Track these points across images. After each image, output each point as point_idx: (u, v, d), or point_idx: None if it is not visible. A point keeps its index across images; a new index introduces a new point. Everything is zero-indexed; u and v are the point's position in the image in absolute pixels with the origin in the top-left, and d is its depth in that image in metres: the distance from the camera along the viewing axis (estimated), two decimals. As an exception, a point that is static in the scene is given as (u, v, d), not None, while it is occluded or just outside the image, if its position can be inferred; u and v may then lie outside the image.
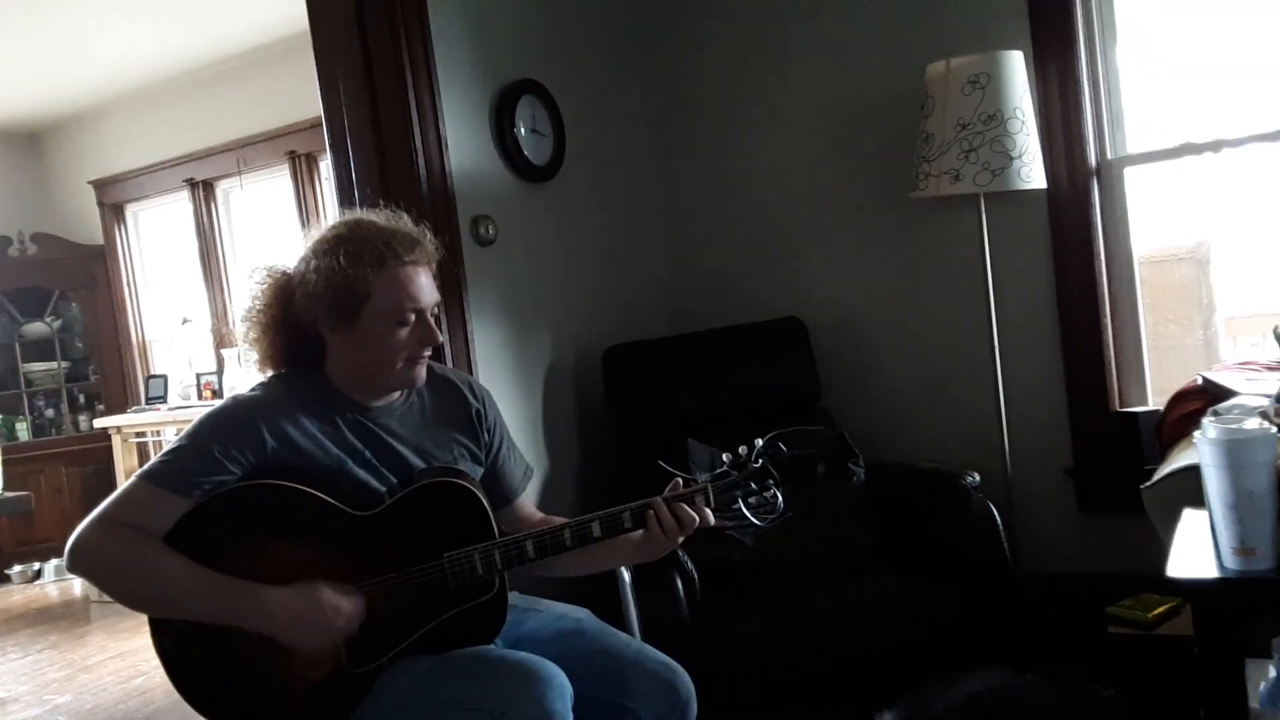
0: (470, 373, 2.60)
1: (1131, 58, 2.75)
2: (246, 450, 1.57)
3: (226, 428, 1.58)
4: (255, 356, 1.70)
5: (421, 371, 1.69)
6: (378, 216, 1.69)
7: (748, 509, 1.61)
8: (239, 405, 1.63)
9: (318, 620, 1.54)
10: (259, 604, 1.53)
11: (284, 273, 1.68)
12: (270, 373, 1.70)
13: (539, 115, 2.89)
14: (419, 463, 1.70)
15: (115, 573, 1.55)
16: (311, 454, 1.61)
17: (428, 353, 1.69)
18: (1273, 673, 1.68)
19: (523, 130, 2.82)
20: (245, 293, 1.71)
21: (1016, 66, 2.56)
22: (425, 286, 1.65)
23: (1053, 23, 2.71)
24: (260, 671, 1.57)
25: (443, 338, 1.71)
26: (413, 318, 1.64)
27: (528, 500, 1.91)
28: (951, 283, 2.92)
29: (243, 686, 1.59)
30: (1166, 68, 2.75)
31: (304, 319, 1.64)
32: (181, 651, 1.60)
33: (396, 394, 1.73)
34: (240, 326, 1.71)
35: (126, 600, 1.58)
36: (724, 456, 1.64)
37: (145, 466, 1.58)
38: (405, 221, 1.69)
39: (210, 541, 1.55)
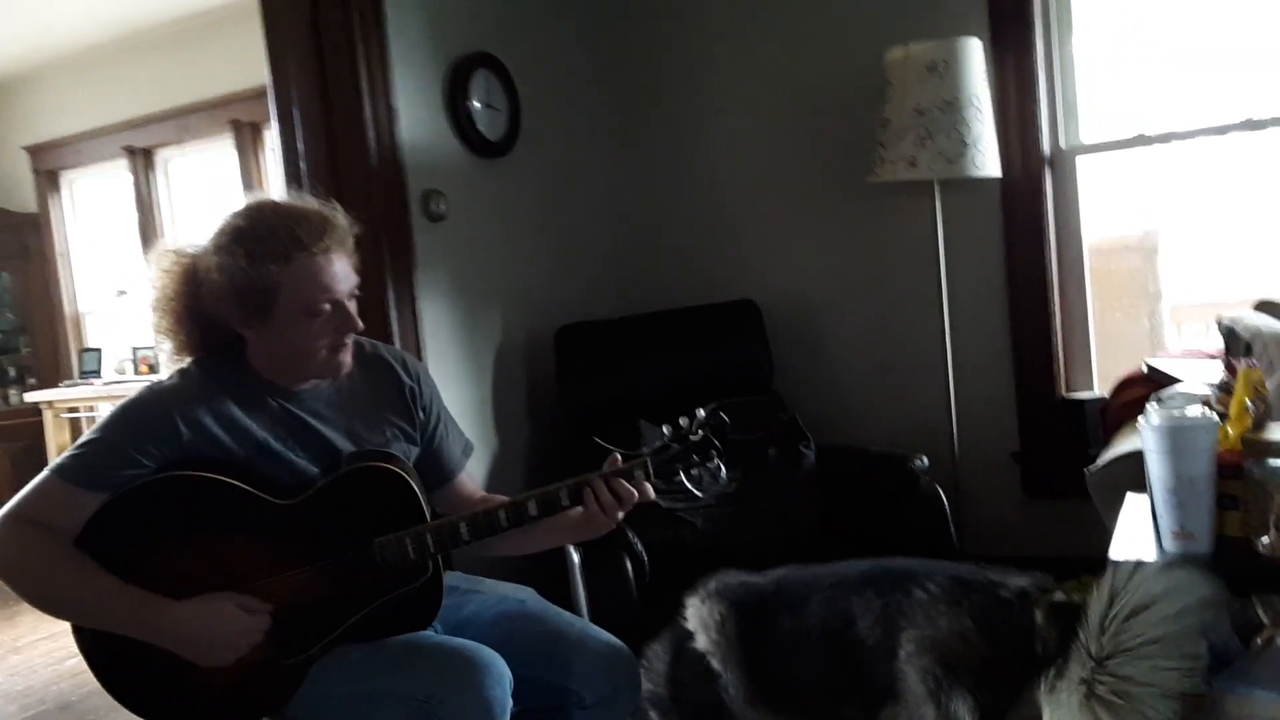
0: (418, 352, 2.55)
1: (1087, 49, 2.78)
2: (161, 443, 1.51)
3: (139, 420, 1.52)
4: (170, 346, 1.62)
5: (346, 358, 1.62)
6: (282, 198, 1.61)
7: (690, 481, 1.58)
8: (153, 396, 1.56)
9: (218, 637, 1.50)
10: (162, 622, 1.49)
11: (190, 256, 1.58)
12: (188, 359, 1.63)
13: (493, 89, 2.84)
14: (348, 446, 1.64)
15: (22, 576, 1.50)
16: (231, 444, 1.55)
17: (350, 338, 1.62)
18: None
19: (476, 104, 2.77)
20: (150, 279, 1.61)
21: (975, 54, 2.57)
22: (339, 274, 1.56)
23: (1011, 11, 2.73)
24: (188, 666, 1.52)
25: (361, 325, 1.62)
26: (328, 308, 1.55)
27: (468, 478, 1.86)
28: (905, 268, 2.93)
29: (171, 681, 1.54)
30: (1120, 59, 2.79)
31: (211, 312, 1.56)
32: (105, 649, 1.55)
33: None
34: (151, 315, 1.62)
35: (34, 604, 1.52)
36: (664, 429, 1.60)
37: (56, 460, 1.52)
38: (312, 202, 1.61)
39: (127, 537, 1.50)
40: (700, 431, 1.57)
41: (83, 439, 1.53)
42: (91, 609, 1.50)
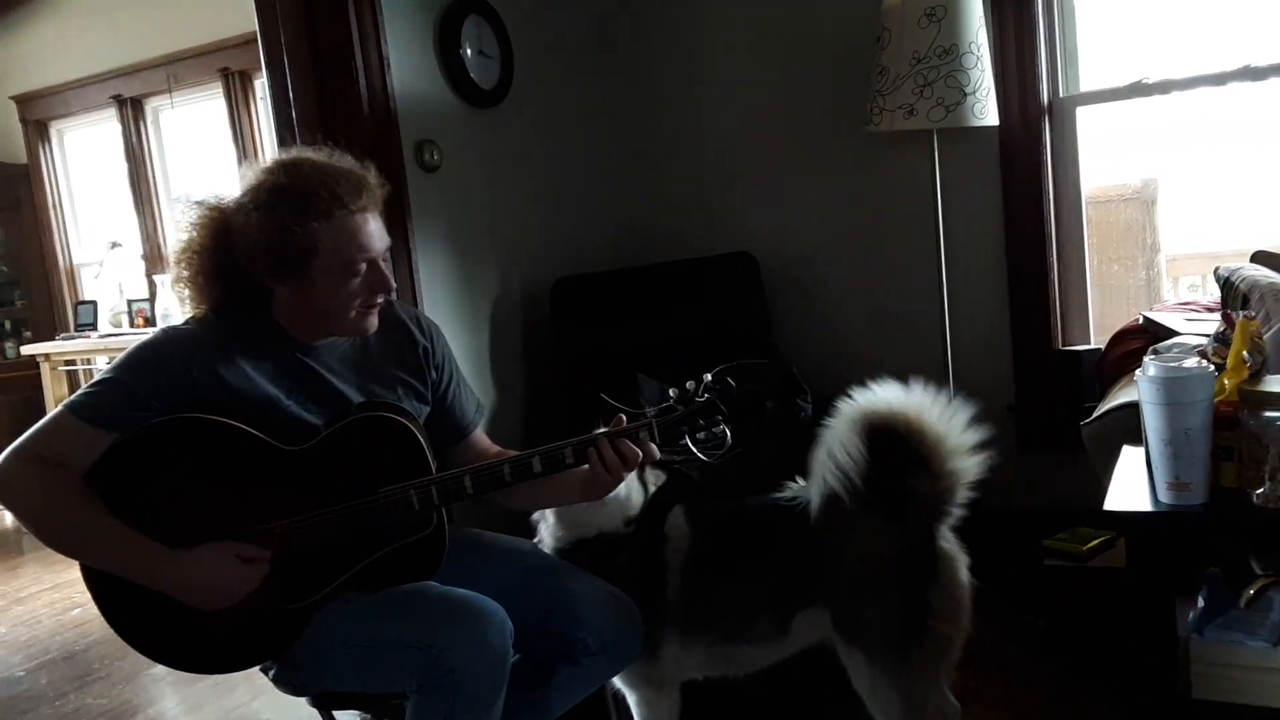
0: (415, 304, 2.55)
1: (1087, -5, 2.75)
2: (175, 386, 1.52)
3: (154, 363, 1.53)
4: (189, 295, 1.62)
5: (374, 320, 1.64)
6: (317, 155, 1.60)
7: (695, 445, 1.58)
8: (169, 340, 1.57)
9: (216, 585, 1.52)
10: (160, 570, 1.51)
11: (220, 210, 1.59)
12: (205, 308, 1.62)
13: (485, 37, 2.80)
14: (361, 400, 1.66)
15: (31, 510, 1.52)
16: (244, 391, 1.56)
17: (381, 299, 1.63)
18: (1201, 603, 1.74)
19: (469, 52, 2.73)
20: (177, 229, 1.61)
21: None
22: (375, 234, 1.58)
23: (1011, -45, 2.68)
24: (194, 608, 1.55)
25: (394, 285, 1.65)
26: (364, 267, 1.56)
27: (483, 435, 1.87)
28: (902, 219, 2.92)
29: (176, 622, 1.57)
30: (1120, 7, 2.74)
31: (242, 266, 1.56)
32: (113, 589, 1.57)
33: None
34: (174, 268, 1.62)
35: (40, 538, 1.54)
36: (670, 391, 1.61)
37: (70, 397, 1.54)
38: (348, 160, 1.61)
39: (134, 477, 1.52)
40: (706, 395, 1.57)
41: (96, 378, 1.55)
42: (94, 550, 1.52)
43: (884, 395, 1.70)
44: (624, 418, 1.61)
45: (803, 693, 2.11)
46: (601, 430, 1.60)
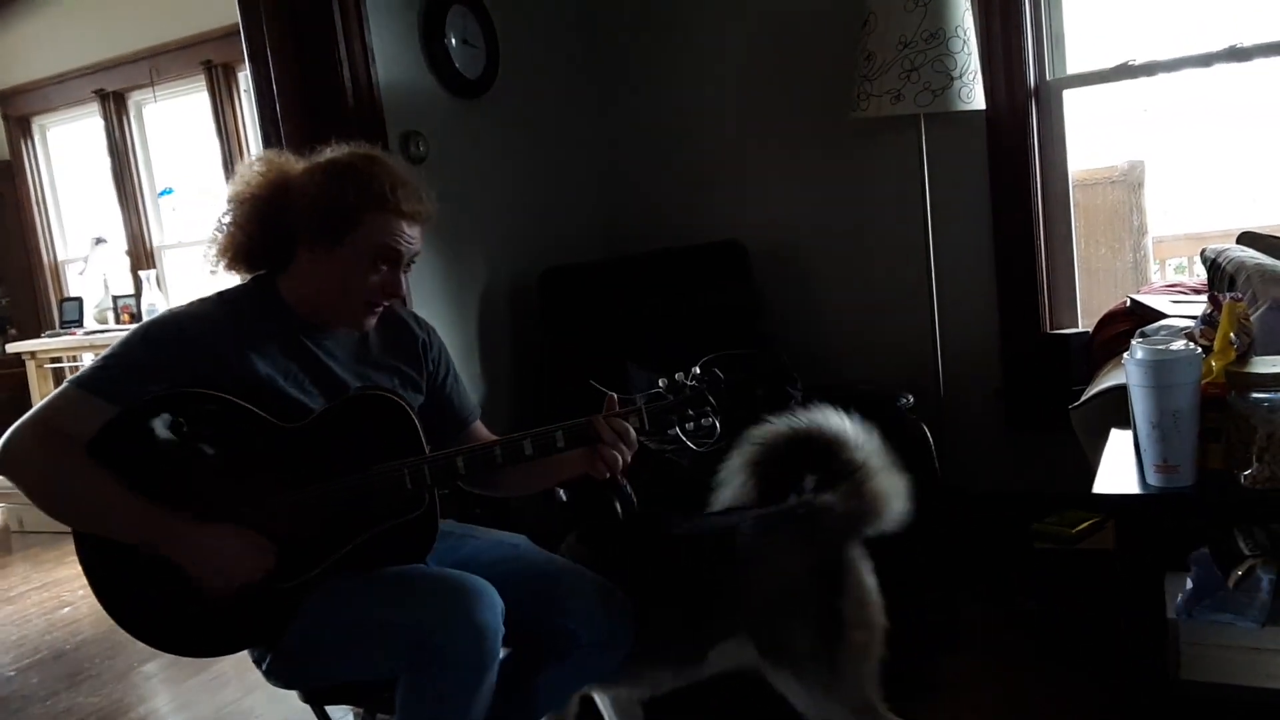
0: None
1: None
2: (179, 366, 1.55)
3: (161, 341, 1.57)
4: (220, 240, 1.68)
5: (373, 321, 1.70)
6: (392, 160, 1.71)
7: (684, 434, 1.60)
8: (176, 320, 1.61)
9: (222, 567, 1.53)
10: (171, 541, 1.53)
11: (283, 171, 1.67)
12: (222, 266, 1.69)
13: (470, 26, 2.78)
14: (357, 385, 1.68)
15: (41, 481, 1.53)
16: (245, 371, 1.58)
17: (385, 304, 1.69)
18: (1189, 584, 1.75)
19: (453, 41, 2.71)
20: (239, 176, 1.69)
21: (959, -17, 2.52)
22: (412, 238, 1.67)
23: (996, -61, 2.67)
24: (187, 588, 1.55)
25: (403, 293, 1.74)
26: (385, 267, 1.64)
27: (482, 426, 1.90)
28: (890, 205, 2.92)
29: (169, 604, 1.57)
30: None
31: (286, 222, 1.63)
32: (108, 568, 1.58)
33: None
34: (225, 204, 1.69)
35: (48, 510, 1.55)
36: (660, 381, 1.62)
37: (78, 373, 1.57)
38: (419, 179, 1.71)
39: (132, 449, 1.53)
40: (694, 385, 1.59)
41: (103, 354, 1.58)
42: (107, 521, 1.54)
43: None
44: (615, 398, 1.64)
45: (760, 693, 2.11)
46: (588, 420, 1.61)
